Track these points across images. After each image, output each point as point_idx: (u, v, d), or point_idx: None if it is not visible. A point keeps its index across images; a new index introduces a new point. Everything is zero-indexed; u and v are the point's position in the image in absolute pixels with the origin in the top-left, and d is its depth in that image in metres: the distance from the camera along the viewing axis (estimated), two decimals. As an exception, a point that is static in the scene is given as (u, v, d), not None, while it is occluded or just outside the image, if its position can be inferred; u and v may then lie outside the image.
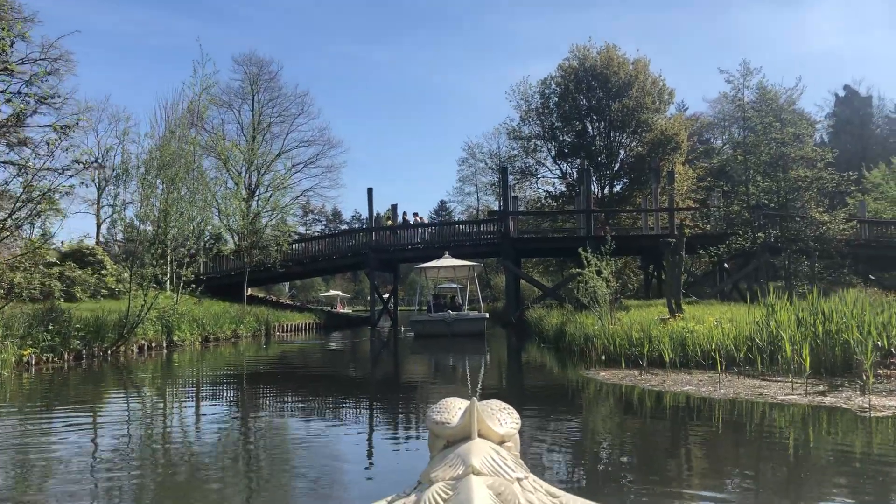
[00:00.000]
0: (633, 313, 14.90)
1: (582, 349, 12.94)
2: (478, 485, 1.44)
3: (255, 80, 49.31)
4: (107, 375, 12.37)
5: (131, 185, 14.40)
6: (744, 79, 25.30)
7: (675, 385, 8.26)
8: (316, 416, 7.82)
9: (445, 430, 1.76)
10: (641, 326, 11.67)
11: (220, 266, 34.44)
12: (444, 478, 1.54)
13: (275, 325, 26.23)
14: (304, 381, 11.63)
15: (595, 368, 10.62)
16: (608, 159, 45.88)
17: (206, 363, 14.63)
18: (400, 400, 9.24)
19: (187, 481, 4.74)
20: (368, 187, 34.93)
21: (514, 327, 27.91)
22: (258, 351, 18.02)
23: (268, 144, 49.05)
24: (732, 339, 10.24)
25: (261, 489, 4.53)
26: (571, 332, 13.93)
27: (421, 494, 1.54)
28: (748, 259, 32.07)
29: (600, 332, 12.39)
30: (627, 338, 11.58)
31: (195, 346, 18.24)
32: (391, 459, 5.34)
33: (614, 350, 11.71)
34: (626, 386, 8.49)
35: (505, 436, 1.75)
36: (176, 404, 8.94)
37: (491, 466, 1.55)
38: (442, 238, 33.49)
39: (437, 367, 14.88)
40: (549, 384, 10.50)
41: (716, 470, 4.84)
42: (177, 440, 6.35)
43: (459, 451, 1.60)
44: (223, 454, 5.69)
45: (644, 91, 45.14)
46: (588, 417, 7.02)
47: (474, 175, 63.94)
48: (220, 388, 10.76)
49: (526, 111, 47.93)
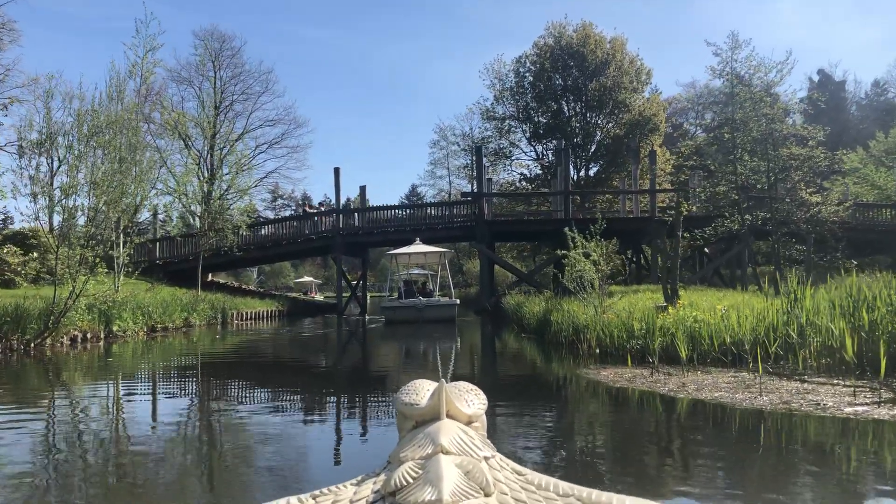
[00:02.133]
0: (623, 301, 13.41)
1: (571, 341, 11.42)
2: (447, 463, 1.45)
3: (217, 56, 46.93)
4: (22, 371, 10.59)
5: (56, 155, 12.53)
6: (732, 52, 23.88)
7: (702, 390, 6.68)
8: (271, 409, 7.08)
9: (414, 411, 1.74)
10: (643, 316, 10.15)
11: (177, 250, 32.45)
12: (413, 457, 1.53)
13: (232, 312, 24.37)
14: (257, 373, 9.96)
15: (593, 366, 9.06)
16: (584, 141, 44.51)
17: (144, 356, 12.84)
18: (366, 390, 8.40)
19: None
20: (335, 167, 33.13)
21: (490, 314, 26.41)
22: (209, 341, 16.24)
23: (230, 123, 46.84)
24: (750, 330, 8.77)
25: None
26: (558, 322, 12.38)
27: (391, 473, 1.50)
28: (730, 243, 30.93)
29: (593, 321, 10.87)
30: (626, 329, 10.07)
31: (138, 337, 16.41)
32: (358, 446, 5.32)
33: (610, 343, 10.20)
34: (640, 391, 6.87)
35: (472, 416, 1.75)
36: (95, 404, 7.22)
37: (459, 446, 1.55)
38: (413, 221, 31.79)
39: (409, 356, 13.31)
40: (540, 389, 8.24)
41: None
42: (96, 445, 5.34)
43: (428, 431, 1.60)
44: (153, 459, 4.82)
45: (622, 70, 43.78)
46: (611, 444, 5.16)
47: (446, 158, 62.34)
48: (149, 385, 9.02)
49: (500, 91, 46.35)
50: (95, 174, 12.52)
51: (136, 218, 16.27)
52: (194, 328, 20.36)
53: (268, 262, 46.65)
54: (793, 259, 25.69)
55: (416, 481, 1.44)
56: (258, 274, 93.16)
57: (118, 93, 14.85)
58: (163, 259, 32.26)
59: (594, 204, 41.69)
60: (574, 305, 13.43)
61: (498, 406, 6.41)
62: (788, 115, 24.75)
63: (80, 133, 12.58)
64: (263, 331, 21.15)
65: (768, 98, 22.75)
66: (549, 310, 13.68)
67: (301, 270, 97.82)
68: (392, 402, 2.64)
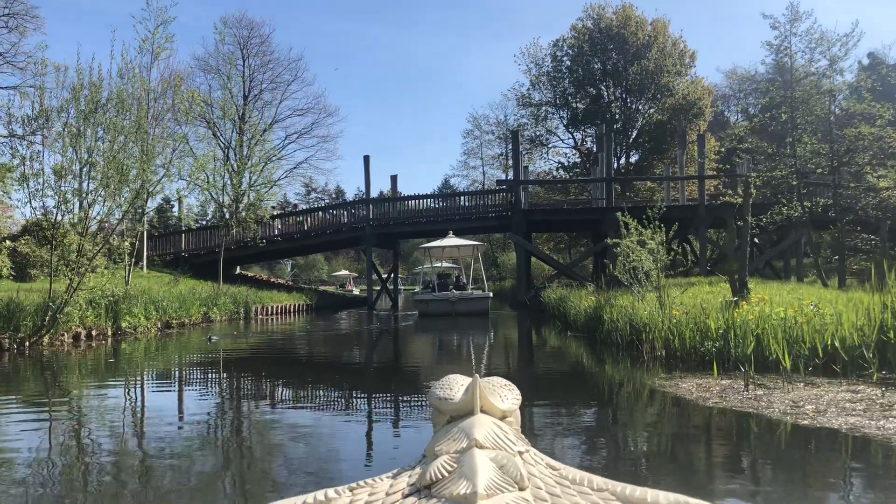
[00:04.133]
0: (683, 295, 11.78)
1: (630, 341, 9.86)
2: (481, 457, 1.45)
3: (246, 44, 45.87)
4: (13, 373, 9.39)
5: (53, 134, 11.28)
6: (791, 25, 21.96)
7: (824, 412, 4.96)
8: (301, 407, 6.43)
9: (449, 406, 1.76)
10: (721, 314, 8.55)
11: (203, 242, 31.46)
12: (448, 451, 1.53)
13: (256, 307, 23.14)
14: (277, 370, 8.60)
15: (664, 374, 7.49)
16: (625, 127, 42.52)
17: (148, 355, 11.55)
18: (398, 387, 7.13)
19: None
20: (365, 155, 31.78)
21: (528, 308, 24.86)
22: (228, 339, 14.98)
23: (259, 113, 45.76)
24: (855, 331, 7.14)
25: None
26: (612, 319, 10.80)
27: (426, 467, 1.50)
28: (784, 232, 28.92)
29: (658, 319, 9.29)
30: (699, 328, 8.48)
31: (150, 334, 15.20)
32: (392, 441, 5.08)
33: (680, 346, 8.62)
34: (743, 413, 5.17)
35: (507, 411, 1.75)
36: (64, 414, 5.90)
37: (493, 440, 1.55)
38: (446, 211, 30.32)
39: (443, 350, 11.85)
40: (605, 407, 6.37)
41: None
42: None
43: (463, 426, 1.61)
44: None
45: (664, 53, 41.74)
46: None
47: (479, 148, 60.66)
48: (134, 390, 7.69)
49: (536, 76, 44.59)
50: (92, 155, 11.23)
51: (138, 203, 14.92)
52: (215, 323, 19.15)
53: (296, 254, 45.58)
54: (857, 249, 23.75)
55: (451, 475, 1.42)
56: (291, 267, 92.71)
57: (128, 70, 13.63)
58: (188, 251, 31.32)
59: (635, 192, 39.79)
60: (627, 300, 11.88)
61: (555, 427, 4.94)
62: (856, 93, 22.74)
63: (76, 109, 11.30)
64: (286, 328, 19.85)
65: (833, 74, 20.88)
66: (601, 305, 12.08)
67: (335, 264, 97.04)
68: (426, 396, 2.37)
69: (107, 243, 13.05)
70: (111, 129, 11.36)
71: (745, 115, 62.98)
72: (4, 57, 29.68)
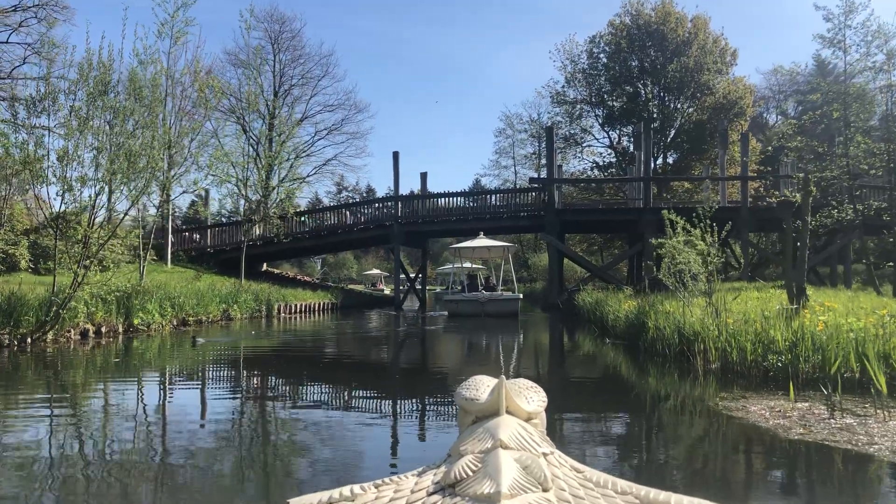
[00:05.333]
0: (733, 302, 10.71)
1: (680, 352, 8.87)
2: (506, 458, 1.43)
3: (277, 39, 45.39)
4: (7, 370, 8.70)
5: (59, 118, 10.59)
6: (846, 16, 20.66)
7: None
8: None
9: (474, 406, 1.74)
10: (782, 323, 7.53)
11: (229, 238, 30.90)
12: (473, 451, 1.52)
13: (279, 305, 22.43)
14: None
15: (726, 392, 6.48)
16: (663, 126, 41.17)
17: (155, 355, 10.82)
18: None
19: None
20: (394, 151, 31.05)
21: (560, 312, 23.85)
22: (247, 339, 14.24)
23: (289, 108, 45.21)
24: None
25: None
26: (658, 326, 9.80)
27: (451, 466, 1.50)
28: (829, 238, 27.53)
29: (713, 328, 8.28)
30: (761, 341, 7.46)
31: (164, 331, 14.52)
32: (418, 441, 4.90)
33: (738, 358, 7.61)
34: (840, 451, 4.16)
35: (532, 413, 1.72)
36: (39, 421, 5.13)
37: (518, 441, 1.52)
38: (476, 210, 29.39)
39: (472, 351, 10.95)
40: (665, 441, 4.97)
41: None
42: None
43: (488, 426, 1.59)
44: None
45: (704, 50, 40.34)
46: None
47: (512, 147, 59.62)
48: (132, 393, 6.91)
49: (572, 73, 43.39)
50: (100, 139, 10.50)
51: (153, 194, 14.22)
52: (235, 321, 18.46)
53: (323, 251, 45.03)
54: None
55: (475, 474, 1.42)
56: (321, 266, 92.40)
57: (146, 53, 12.97)
58: (213, 247, 30.80)
59: (672, 193, 38.47)
60: (672, 305, 10.88)
61: (602, 458, 4.03)
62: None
63: (85, 91, 10.59)
64: (306, 327, 19.09)
65: (890, 69, 19.55)
66: (644, 310, 11.06)
67: (364, 263, 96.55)
68: (452, 397, 2.18)
69: (113, 235, 12.33)
70: (121, 113, 10.63)
71: (784, 118, 61.15)
72: (33, 48, 29.39)
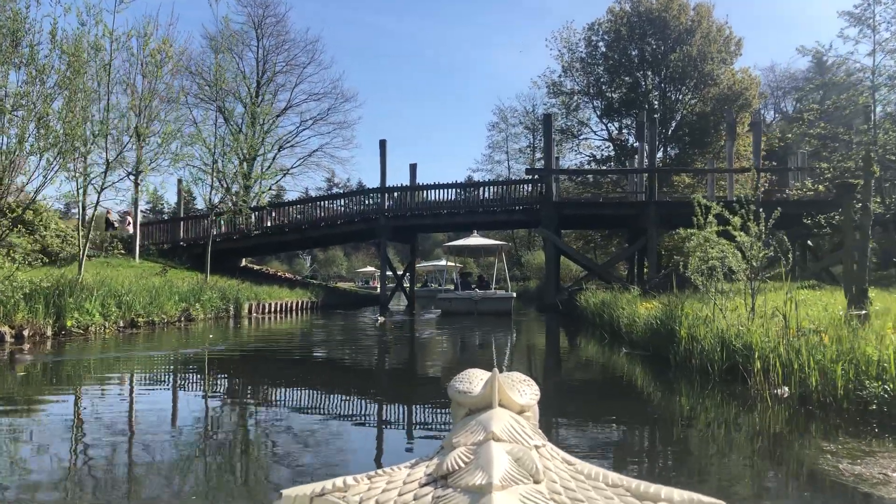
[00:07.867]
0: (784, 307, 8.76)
1: (730, 369, 6.92)
2: (497, 450, 1.44)
3: (260, 24, 43.28)
4: None
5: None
6: (877, -8, 18.82)
7: None
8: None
9: (467, 399, 1.76)
10: (838, 332, 5.61)
11: (204, 231, 28.78)
12: (465, 443, 1.53)
13: (250, 304, 20.38)
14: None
15: (820, 437, 4.56)
16: (664, 118, 39.28)
17: (77, 367, 8.82)
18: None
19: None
20: (381, 139, 28.99)
21: (557, 312, 21.90)
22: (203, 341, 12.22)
23: (273, 97, 43.12)
24: None
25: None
26: (694, 336, 7.81)
27: (443, 458, 1.51)
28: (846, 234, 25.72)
29: (776, 343, 6.33)
30: (850, 360, 5.53)
31: (106, 335, 12.49)
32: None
33: (822, 385, 5.67)
34: None
35: (525, 406, 1.73)
36: None
37: (510, 434, 1.54)
38: (468, 203, 27.40)
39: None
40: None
41: None
42: None
43: (481, 419, 1.61)
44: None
45: (708, 39, 38.52)
46: None
47: (505, 141, 57.72)
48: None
49: (569, 62, 41.47)
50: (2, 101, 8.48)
51: (67, 167, 12.12)
52: (196, 322, 16.42)
53: (304, 246, 42.84)
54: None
55: (467, 465, 1.44)
56: (311, 262, 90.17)
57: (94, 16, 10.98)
58: (187, 240, 28.72)
59: (673, 188, 36.57)
60: (699, 306, 8.98)
61: None
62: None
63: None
64: (279, 328, 17.08)
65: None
66: (674, 314, 9.08)
67: (354, 259, 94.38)
68: (446, 390, 1.95)
69: (21, 221, 10.30)
70: (29, 71, 8.63)
71: (782, 115, 59.51)
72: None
